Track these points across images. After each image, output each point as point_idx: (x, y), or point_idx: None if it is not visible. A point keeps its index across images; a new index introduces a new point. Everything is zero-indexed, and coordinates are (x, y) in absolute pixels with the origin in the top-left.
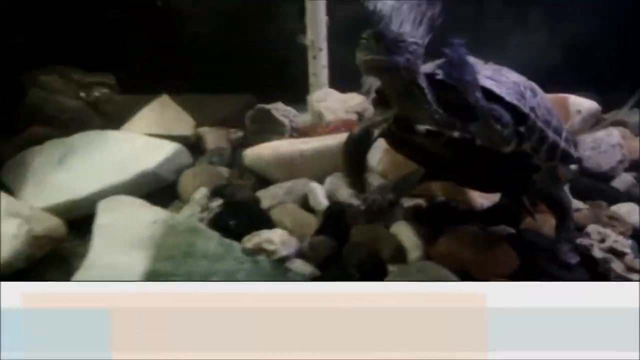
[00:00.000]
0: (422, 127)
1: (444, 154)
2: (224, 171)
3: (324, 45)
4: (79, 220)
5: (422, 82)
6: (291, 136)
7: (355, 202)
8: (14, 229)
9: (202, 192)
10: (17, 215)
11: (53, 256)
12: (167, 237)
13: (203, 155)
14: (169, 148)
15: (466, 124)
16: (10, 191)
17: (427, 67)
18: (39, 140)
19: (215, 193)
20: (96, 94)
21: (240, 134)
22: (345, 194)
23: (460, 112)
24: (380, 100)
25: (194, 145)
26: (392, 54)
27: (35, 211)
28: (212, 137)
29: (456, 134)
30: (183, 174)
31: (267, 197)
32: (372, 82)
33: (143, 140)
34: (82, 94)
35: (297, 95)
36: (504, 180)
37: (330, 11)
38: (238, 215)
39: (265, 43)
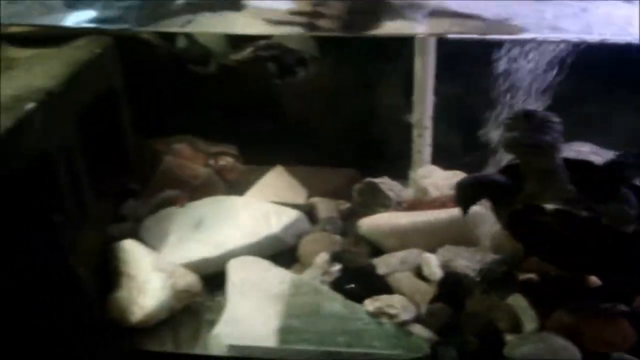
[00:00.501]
0: (551, 206)
1: (564, 234)
2: (338, 239)
3: (429, 123)
4: (207, 277)
5: (560, 160)
6: (396, 209)
7: (470, 273)
8: (160, 282)
9: (323, 257)
10: (162, 270)
11: (187, 309)
12: (295, 297)
13: (316, 223)
14: (291, 215)
15: (595, 203)
16: (148, 245)
17: None
18: (172, 202)
19: (334, 258)
20: (222, 162)
21: (347, 205)
22: (460, 264)
23: (590, 190)
24: (510, 178)
25: (307, 214)
26: (541, 133)
27: (176, 267)
28: (324, 207)
29: (584, 213)
30: (303, 239)
31: (382, 264)
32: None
33: (267, 207)
34: (211, 162)
35: (398, 170)
36: (621, 263)
37: (437, 90)
38: (356, 280)
39: (369, 120)
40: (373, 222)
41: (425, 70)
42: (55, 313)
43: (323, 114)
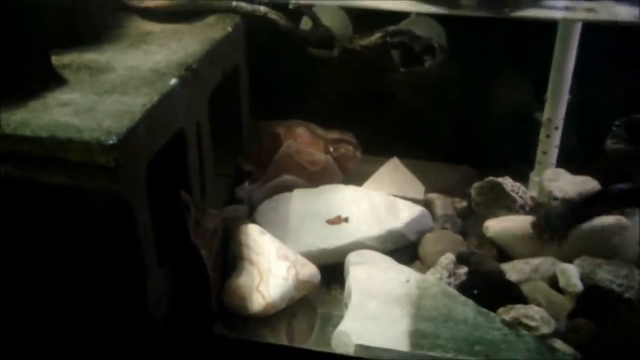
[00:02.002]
0: None
1: None
2: (460, 239)
3: (560, 124)
4: (322, 267)
5: None
6: (518, 213)
7: (615, 288)
8: (284, 271)
9: (448, 258)
10: (285, 258)
11: (302, 300)
12: (424, 298)
13: (434, 220)
14: (415, 210)
15: None
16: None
17: None
18: (289, 188)
19: (460, 260)
20: (342, 150)
21: (464, 204)
22: (602, 278)
23: None
24: None
25: None
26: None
27: (297, 256)
28: (441, 204)
29: None
30: (425, 236)
31: (512, 271)
32: None
33: (390, 200)
34: (331, 149)
35: (517, 171)
36: None
37: (572, 89)
38: (486, 285)
39: (493, 115)
40: (501, 224)
41: (564, 62)
42: (178, 294)
43: (444, 107)
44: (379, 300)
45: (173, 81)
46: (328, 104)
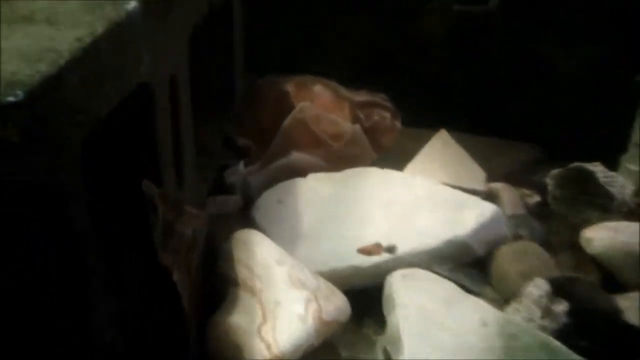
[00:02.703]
0: None
1: None
2: (546, 256)
3: None
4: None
5: None
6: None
7: None
8: (301, 306)
9: (540, 287)
10: (302, 286)
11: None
12: (510, 350)
13: None
14: (485, 210)
15: None
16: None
17: None
18: (301, 171)
19: (557, 290)
20: (376, 117)
21: (536, 198)
22: None
23: None
24: None
25: None
26: None
27: (320, 281)
28: (509, 199)
29: None
30: (499, 251)
31: (630, 309)
32: None
33: (446, 194)
34: (361, 116)
35: (601, 156)
36: None
37: None
38: (598, 333)
39: (573, 81)
40: (608, 236)
41: None
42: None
43: (503, 65)
44: (439, 351)
45: (131, 4)
46: (352, 58)
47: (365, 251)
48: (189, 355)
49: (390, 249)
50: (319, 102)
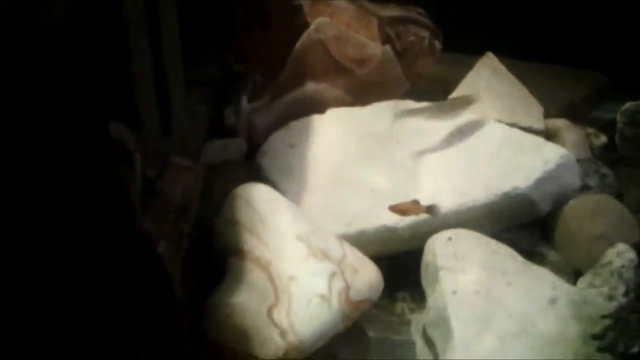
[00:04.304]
0: None
1: None
2: (628, 214)
3: None
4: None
5: None
6: None
7: None
8: (324, 283)
9: (623, 255)
10: (324, 257)
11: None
12: (582, 336)
13: None
14: (552, 155)
15: None
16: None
17: None
18: (318, 106)
19: None
20: (411, 37)
21: (602, 139)
22: None
23: None
24: None
25: None
26: None
27: (347, 249)
28: (573, 139)
29: None
30: (567, 206)
31: None
32: None
33: (501, 133)
34: (392, 35)
35: None
36: None
37: None
38: None
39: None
40: None
41: None
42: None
43: None
44: (508, 342)
45: None
46: None
47: (399, 210)
48: (183, 348)
49: (431, 209)
50: (340, 18)
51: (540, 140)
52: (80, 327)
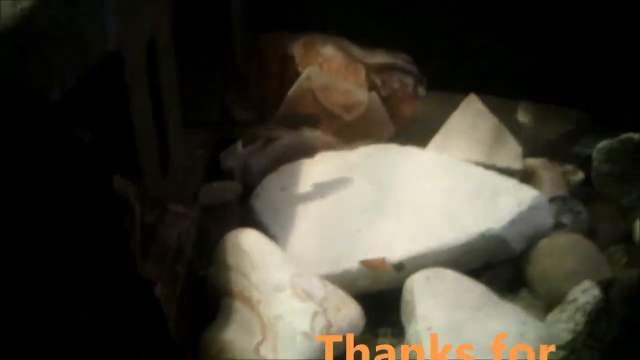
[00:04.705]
0: None
1: None
2: (595, 250)
3: None
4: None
5: None
6: None
7: None
8: (306, 322)
9: (591, 293)
10: (308, 297)
11: None
12: None
13: None
14: (524, 197)
15: None
16: (267, 235)
17: None
18: (308, 150)
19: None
20: (396, 84)
21: (580, 175)
22: None
23: None
24: None
25: None
26: None
27: (329, 288)
28: (549, 177)
29: None
30: (539, 245)
31: None
32: None
33: (478, 176)
34: (378, 82)
35: None
36: None
37: None
38: None
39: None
40: None
41: None
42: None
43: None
44: None
45: None
46: (370, 10)
47: (370, 265)
48: None
49: (398, 267)
50: (329, 67)
51: (514, 182)
52: None
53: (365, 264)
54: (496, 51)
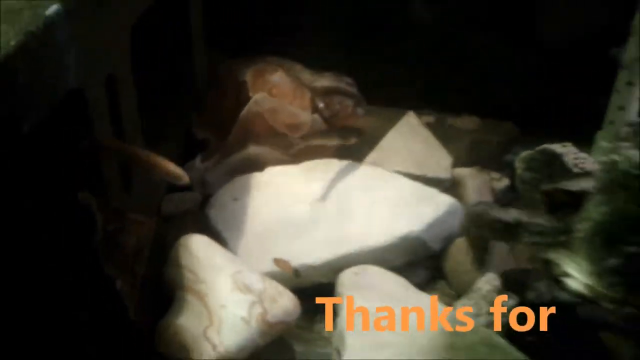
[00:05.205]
0: None
1: None
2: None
3: None
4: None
5: None
6: None
7: None
8: (244, 310)
9: (491, 282)
10: (247, 290)
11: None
12: (455, 350)
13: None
14: (442, 203)
15: None
16: (220, 239)
17: None
18: (258, 164)
19: (509, 285)
20: (337, 106)
21: (505, 182)
22: None
23: None
24: None
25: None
26: None
27: (266, 283)
28: (474, 185)
29: None
30: (454, 244)
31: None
32: None
33: (403, 185)
34: (321, 105)
35: (575, 133)
36: None
37: None
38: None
39: (539, 51)
40: None
41: None
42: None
43: (477, 37)
44: (391, 354)
45: (52, 9)
46: (320, 34)
47: (278, 265)
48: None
49: (296, 274)
50: (278, 91)
51: (434, 191)
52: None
53: (275, 262)
54: (437, 71)
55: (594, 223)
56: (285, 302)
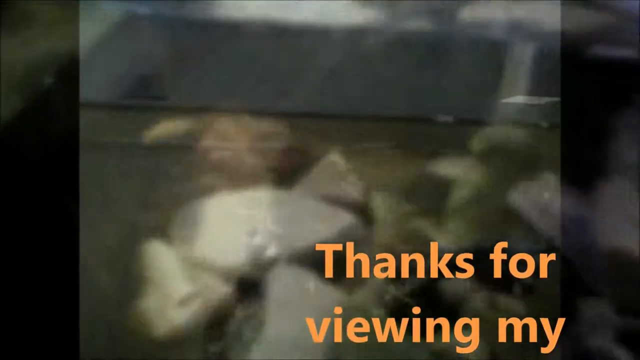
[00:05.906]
0: None
1: None
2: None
3: None
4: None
5: None
6: None
7: None
8: (190, 291)
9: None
10: (192, 279)
11: (218, 323)
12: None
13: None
14: (342, 220)
15: None
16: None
17: None
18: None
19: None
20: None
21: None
22: None
23: None
24: None
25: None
26: None
27: (209, 275)
28: (385, 206)
29: None
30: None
31: None
32: None
33: (315, 208)
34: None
35: None
36: None
37: None
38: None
39: None
40: None
41: None
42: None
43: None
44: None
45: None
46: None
47: None
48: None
49: None
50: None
51: (341, 212)
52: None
53: None
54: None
55: None
56: (223, 292)
